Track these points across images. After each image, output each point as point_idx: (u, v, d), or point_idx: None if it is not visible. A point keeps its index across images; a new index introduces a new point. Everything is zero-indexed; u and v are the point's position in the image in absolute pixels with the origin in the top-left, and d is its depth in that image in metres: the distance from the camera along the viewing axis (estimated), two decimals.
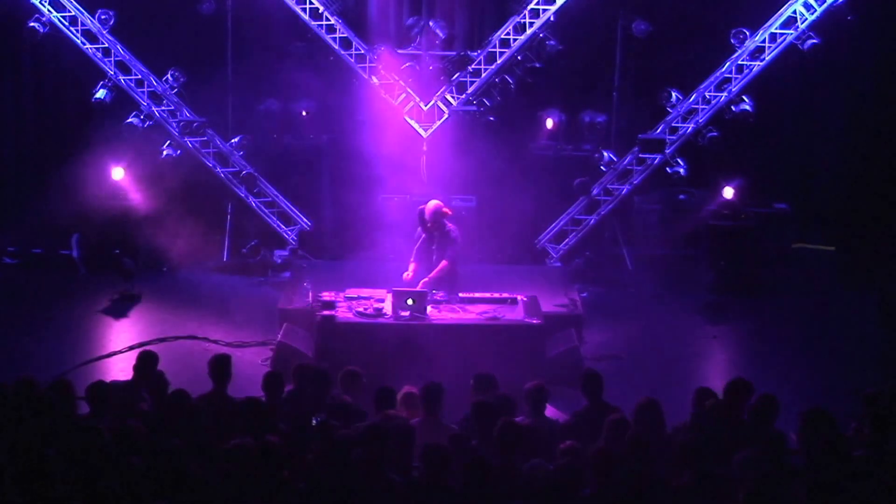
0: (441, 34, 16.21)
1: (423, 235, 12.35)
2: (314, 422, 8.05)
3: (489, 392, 8.88)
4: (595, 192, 16.36)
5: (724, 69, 15.95)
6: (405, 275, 12.20)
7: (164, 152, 16.12)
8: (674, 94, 16.15)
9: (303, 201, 16.58)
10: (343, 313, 11.79)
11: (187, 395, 8.48)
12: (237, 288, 15.47)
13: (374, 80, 16.32)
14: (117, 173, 16.04)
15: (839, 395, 10.97)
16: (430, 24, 16.18)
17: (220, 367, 9.19)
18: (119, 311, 14.36)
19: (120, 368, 11.90)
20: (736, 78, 15.93)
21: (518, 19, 16.17)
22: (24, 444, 7.24)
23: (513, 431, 7.68)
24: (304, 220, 16.55)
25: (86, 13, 15.84)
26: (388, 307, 11.80)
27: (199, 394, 8.91)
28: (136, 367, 9.41)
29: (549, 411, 9.05)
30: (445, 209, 12.32)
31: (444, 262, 12.17)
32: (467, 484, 7.14)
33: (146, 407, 8.68)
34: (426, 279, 12.16)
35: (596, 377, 9.07)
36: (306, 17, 16.09)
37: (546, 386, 8.87)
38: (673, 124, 16.14)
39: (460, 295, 12.20)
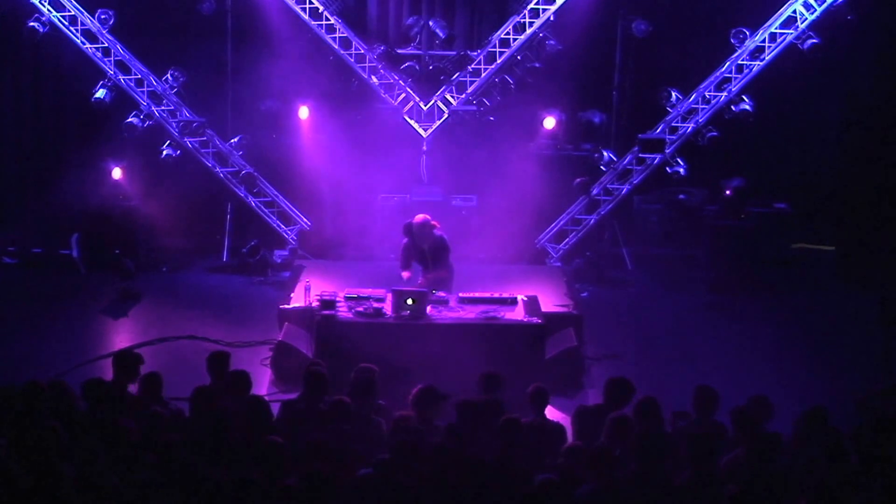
0: (441, 34, 16.22)
1: (409, 242, 12.42)
2: None
3: (493, 392, 8.87)
4: (595, 191, 16.36)
5: (724, 69, 15.95)
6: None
7: (164, 152, 16.11)
8: (674, 94, 16.15)
9: (303, 201, 16.58)
10: (343, 313, 11.78)
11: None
12: (237, 288, 15.47)
13: (374, 80, 16.32)
14: (117, 173, 16.06)
15: (839, 395, 10.96)
16: (430, 24, 16.19)
17: (218, 363, 9.20)
18: (119, 311, 14.35)
19: None
20: (736, 78, 15.93)
21: (518, 19, 16.18)
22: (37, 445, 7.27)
23: (513, 429, 7.66)
24: (304, 219, 16.55)
25: (86, 13, 15.84)
26: (388, 307, 11.80)
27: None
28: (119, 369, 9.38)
29: (550, 412, 9.04)
30: (433, 222, 12.38)
31: (442, 271, 12.36)
32: (467, 482, 7.15)
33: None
34: (423, 279, 12.23)
35: (626, 387, 8.81)
36: (306, 16, 16.10)
37: (546, 388, 8.83)
38: (673, 124, 16.14)
39: (460, 295, 12.21)
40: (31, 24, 15.58)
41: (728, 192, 15.88)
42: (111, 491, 6.83)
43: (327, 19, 16.18)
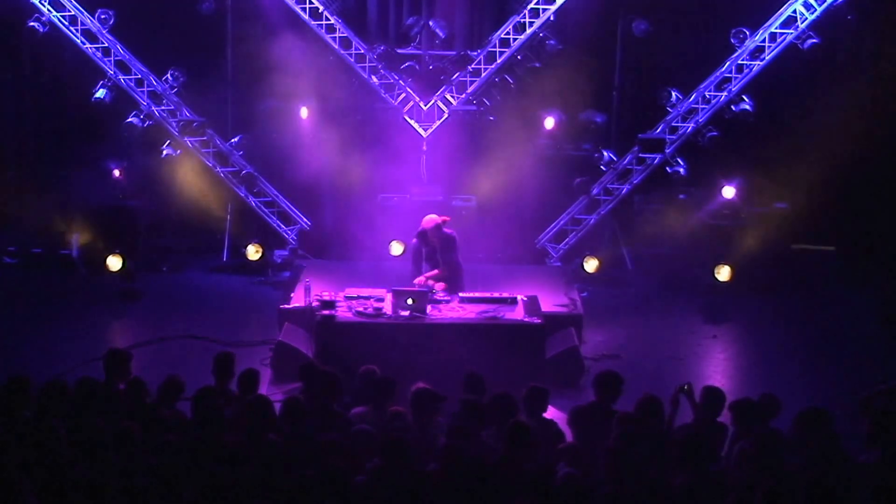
0: (441, 34, 16.21)
1: (421, 248, 12.42)
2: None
3: (478, 393, 8.84)
4: (595, 191, 16.36)
5: (724, 69, 15.95)
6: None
7: (164, 152, 16.12)
8: (674, 94, 16.14)
9: (303, 201, 16.58)
10: (343, 313, 11.78)
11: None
12: (237, 288, 15.47)
13: (374, 80, 16.32)
14: (118, 173, 16.05)
15: (839, 394, 10.97)
16: (430, 23, 16.18)
17: (224, 364, 9.22)
18: (119, 311, 14.36)
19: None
20: (736, 77, 15.93)
21: (518, 19, 16.17)
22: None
23: (522, 431, 7.65)
24: (304, 219, 16.55)
25: (86, 13, 15.84)
26: (387, 307, 11.80)
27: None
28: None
29: (550, 412, 9.02)
30: (443, 218, 12.40)
31: (451, 269, 12.39)
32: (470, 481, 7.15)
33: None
34: (429, 274, 12.27)
35: (614, 379, 8.85)
36: (306, 16, 16.09)
37: (542, 388, 8.79)
38: (673, 124, 16.13)
39: (460, 295, 12.21)
40: (31, 24, 15.57)
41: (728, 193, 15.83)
42: (113, 492, 6.83)
43: (327, 19, 16.17)
